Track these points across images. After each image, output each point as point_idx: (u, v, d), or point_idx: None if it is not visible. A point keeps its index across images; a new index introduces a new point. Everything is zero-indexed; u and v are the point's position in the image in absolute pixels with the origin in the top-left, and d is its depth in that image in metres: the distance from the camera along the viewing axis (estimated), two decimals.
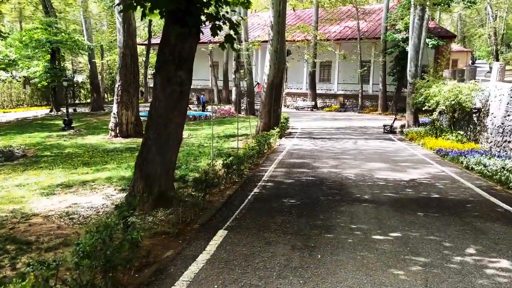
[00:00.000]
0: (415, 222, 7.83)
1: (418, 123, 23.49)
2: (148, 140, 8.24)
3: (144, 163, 8.22)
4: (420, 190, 10.39)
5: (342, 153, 16.16)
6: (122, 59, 21.04)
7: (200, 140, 20.33)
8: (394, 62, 33.16)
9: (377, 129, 24.53)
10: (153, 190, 8.19)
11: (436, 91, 18.25)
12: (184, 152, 16.19)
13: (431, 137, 18.95)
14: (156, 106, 8.13)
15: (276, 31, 20.26)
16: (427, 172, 12.77)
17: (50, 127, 25.91)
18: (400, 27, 31.53)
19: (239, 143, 18.84)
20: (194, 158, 14.68)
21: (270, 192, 10.00)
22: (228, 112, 31.94)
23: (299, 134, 22.20)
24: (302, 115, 32.98)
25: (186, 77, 8.13)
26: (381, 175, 12.19)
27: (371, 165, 13.81)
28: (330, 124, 26.71)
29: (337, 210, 8.56)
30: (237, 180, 11.18)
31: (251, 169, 12.87)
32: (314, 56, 33.07)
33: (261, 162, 14.08)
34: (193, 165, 13.12)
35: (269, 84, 20.73)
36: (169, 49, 7.95)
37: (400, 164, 13.93)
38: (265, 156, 15.39)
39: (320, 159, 14.73)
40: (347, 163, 14.01)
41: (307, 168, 13.06)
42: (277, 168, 13.02)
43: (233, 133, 22.45)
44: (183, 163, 13.45)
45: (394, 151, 16.79)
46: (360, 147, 17.69)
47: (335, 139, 20.20)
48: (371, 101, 35.93)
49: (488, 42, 43.65)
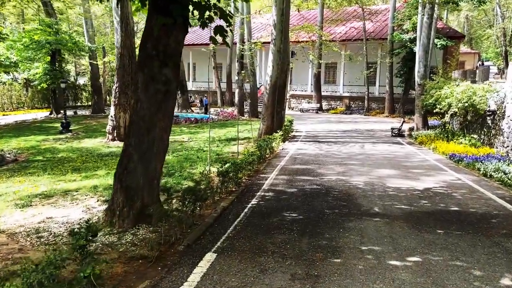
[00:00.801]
0: (435, 242, 6.67)
1: (428, 126, 22.26)
2: (128, 147, 7.16)
3: (124, 173, 7.14)
4: (436, 202, 9.22)
5: (348, 158, 15.00)
6: (120, 60, 20.05)
7: (200, 143, 19.29)
8: (401, 63, 31.92)
9: (385, 132, 23.32)
10: (135, 204, 7.10)
11: (448, 93, 17.04)
12: (182, 157, 15.14)
13: (442, 141, 17.74)
14: (138, 108, 7.05)
15: (279, 30, 19.14)
16: (442, 180, 11.59)
17: (48, 130, 24.96)
18: (408, 27, 30.31)
19: (241, 147, 17.77)
20: (191, 164, 13.60)
21: (269, 204, 8.88)
22: (231, 114, 30.86)
23: (304, 138, 21.06)
24: (306, 117, 31.83)
25: (172, 75, 7.04)
26: (392, 183, 11.03)
27: (380, 171, 12.65)
28: (336, 127, 25.54)
29: (345, 226, 7.43)
30: (234, 189, 10.07)
31: (250, 176, 11.76)
32: (319, 57, 31.90)
33: (262, 169, 12.96)
34: (188, 172, 12.02)
35: (272, 85, 19.61)
36: (152, 43, 6.87)
37: (412, 171, 12.75)
38: (266, 161, 14.27)
39: (325, 165, 13.59)
40: (355, 170, 12.85)
41: (311, 175, 11.92)
42: (279, 175, 11.90)
43: (235, 136, 21.37)
44: (178, 170, 12.37)
45: (404, 156, 15.61)
46: (367, 152, 16.52)
47: (341, 143, 19.03)
48: (378, 103, 34.68)
49: (497, 43, 42.27)
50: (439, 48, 29.31)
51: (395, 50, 31.58)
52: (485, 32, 47.28)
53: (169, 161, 14.31)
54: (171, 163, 13.78)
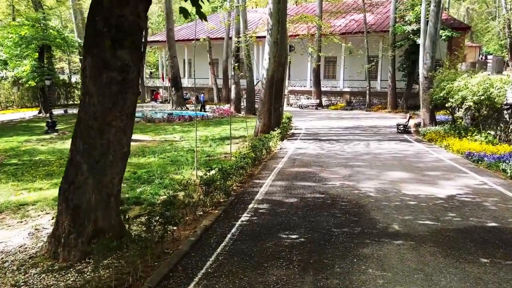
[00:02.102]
0: (483, 278, 4.89)
1: (435, 122, 20.43)
2: (76, 154, 5.37)
3: (71, 188, 5.35)
4: (467, 215, 7.42)
5: (354, 159, 13.19)
6: None
7: (192, 143, 17.43)
8: (404, 56, 30.02)
9: (389, 128, 21.50)
10: (85, 229, 5.31)
11: (462, 85, 15.20)
12: (168, 159, 13.34)
13: (454, 138, 15.92)
14: (86, 103, 5.25)
15: (276, 20, 17.29)
16: (465, 184, 9.79)
17: (33, 129, 23.15)
18: (410, 18, 28.41)
19: (235, 147, 15.97)
20: (177, 168, 11.79)
21: (263, 221, 7.08)
22: (227, 111, 29.00)
23: (303, 136, 19.24)
24: (306, 114, 29.97)
25: (131, 59, 5.23)
26: (408, 190, 9.22)
27: (392, 175, 10.84)
28: (337, 124, 23.71)
29: (359, 253, 5.63)
30: (222, 200, 8.27)
31: (242, 182, 9.96)
32: (318, 50, 29.97)
33: (257, 172, 11.15)
34: (170, 179, 10.21)
35: (268, 79, 17.78)
36: (102, 16, 5.06)
37: (428, 174, 10.94)
38: (262, 163, 12.46)
39: (328, 167, 11.78)
40: (362, 173, 11.04)
41: (312, 181, 10.12)
42: (276, 181, 10.09)
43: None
44: (159, 175, 10.56)
45: (415, 156, 13.80)
46: (374, 151, 14.71)
47: (344, 141, 17.22)
48: (380, 98, 32.81)
49: (500, 35, 40.36)
50: (444, 39, 27.43)
51: (397, 43, 29.69)
52: (488, 25, 45.28)
53: (153, 164, 12.53)
54: (154, 166, 11.99)
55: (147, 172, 11.12)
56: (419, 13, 27.02)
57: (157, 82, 40.89)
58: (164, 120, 25.48)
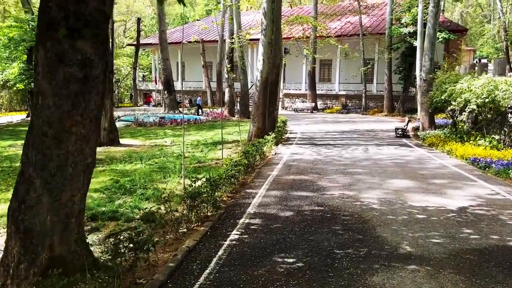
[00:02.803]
0: None
1: (435, 126, 19.61)
2: (27, 168, 4.40)
3: (21, 208, 4.38)
4: (484, 231, 6.51)
5: (353, 165, 12.28)
6: None
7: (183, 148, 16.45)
8: (400, 59, 29.24)
9: (387, 132, 20.65)
10: (38, 257, 4.34)
11: (465, 87, 14.36)
12: (155, 166, 12.38)
13: (456, 143, 15.07)
14: (39, 106, 4.29)
15: (270, 20, 16.39)
16: (476, 194, 8.89)
17: (19, 134, 22.03)
18: (407, 20, 27.65)
19: (228, 152, 15.05)
20: (164, 175, 10.82)
21: (255, 240, 6.13)
22: (221, 115, 28.01)
23: (299, 140, 18.33)
24: (301, 117, 29.08)
25: (95, 52, 4.29)
26: (415, 201, 8.31)
27: (395, 183, 9.94)
28: (333, 128, 22.82)
29: (368, 284, 4.69)
30: (209, 213, 7.32)
31: (234, 192, 9.01)
32: (314, 52, 29.10)
33: (250, 181, 10.20)
34: (154, 188, 9.24)
35: (262, 81, 16.86)
36: (57, 1, 4.11)
37: (433, 182, 10.04)
38: (256, 170, 11.52)
39: (326, 175, 10.86)
40: (363, 181, 10.13)
41: (310, 190, 9.18)
42: (270, 191, 9.15)
43: (223, 139, 18.63)
44: (143, 185, 9.59)
45: (417, 162, 12.91)
46: (373, 156, 13.82)
47: (341, 146, 16.32)
48: (376, 101, 31.99)
49: (496, 38, 39.72)
50: (441, 41, 26.70)
51: (393, 45, 28.91)
52: (483, 28, 44.70)
53: (139, 171, 11.56)
54: (140, 174, 11.02)
55: (130, 181, 10.15)
56: (416, 15, 26.28)
57: (150, 85, 39.87)
58: (155, 124, 24.51)
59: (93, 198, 8.50)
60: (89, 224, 6.70)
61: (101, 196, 8.77)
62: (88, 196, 8.79)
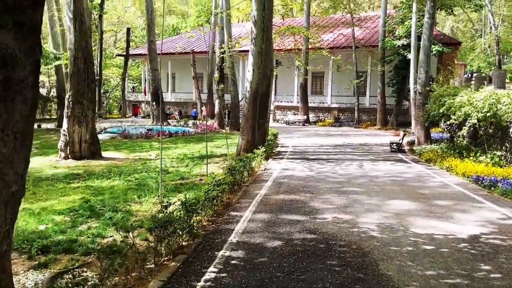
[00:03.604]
0: None
1: (430, 140, 18.70)
2: None
3: None
4: (505, 268, 5.48)
5: (348, 183, 11.26)
6: (74, 64, 16.25)
7: (168, 162, 15.39)
8: (394, 72, 28.49)
9: (381, 146, 19.72)
10: None
11: (465, 100, 13.48)
12: (134, 183, 11.28)
13: (455, 159, 14.13)
14: None
15: (261, 28, 15.46)
16: (485, 218, 7.89)
17: None
18: (400, 32, 26.96)
19: (215, 167, 13.99)
20: (141, 194, 9.71)
21: (234, 281, 5.01)
22: (210, 127, 26.99)
23: (290, 154, 17.30)
24: (293, 130, 28.10)
25: (20, 47, 3.23)
26: (419, 226, 7.28)
27: (395, 204, 8.91)
28: (326, 141, 21.85)
29: None
30: (184, 243, 6.22)
31: (216, 215, 7.92)
32: (306, 63, 28.22)
33: (235, 201, 9.12)
34: (125, 211, 8.11)
35: (252, 92, 15.86)
36: None
37: (437, 203, 9.04)
38: (242, 188, 10.45)
39: (319, 194, 9.82)
40: (360, 202, 9.09)
41: (301, 213, 8.12)
42: (257, 213, 8.07)
43: (211, 153, 17.57)
44: (114, 205, 8.46)
45: (416, 179, 11.92)
46: (369, 173, 12.81)
47: (334, 161, 15.32)
48: (369, 115, 31.16)
49: (488, 52, 39.30)
50: (434, 54, 25.97)
51: (387, 58, 28.18)
52: (474, 43, 44.36)
53: (115, 189, 10.45)
54: (115, 192, 9.91)
55: (102, 201, 9.04)
56: (409, 27, 25.60)
57: (140, 97, 38.76)
58: (142, 136, 23.37)
59: (54, 223, 7.37)
60: (37, 258, 5.56)
61: (64, 219, 7.63)
62: (49, 220, 7.67)
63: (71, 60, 16.33)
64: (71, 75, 16.40)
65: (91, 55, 16.99)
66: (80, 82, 16.25)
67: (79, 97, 16.27)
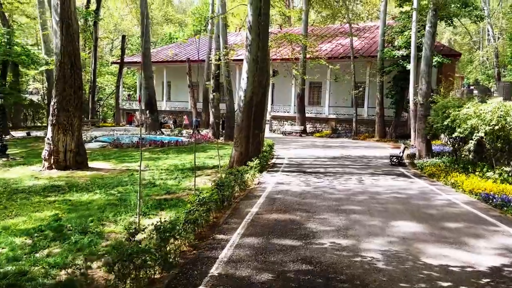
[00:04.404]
0: None
1: (432, 153, 17.77)
2: None
3: None
4: None
5: (347, 200, 10.27)
6: (60, 69, 15.35)
7: (156, 174, 14.39)
8: (393, 83, 27.65)
9: (381, 159, 18.76)
10: None
11: (471, 112, 12.57)
12: (115, 197, 10.29)
13: (459, 174, 13.17)
14: None
15: (256, 34, 14.60)
16: (504, 245, 6.90)
17: None
18: (399, 43, 26.20)
19: (207, 179, 13.02)
20: (120, 211, 8.71)
21: None
22: (205, 137, 26.03)
23: (286, 166, 16.31)
24: (289, 141, 27.14)
25: None
26: (431, 256, 6.29)
27: (400, 227, 7.91)
28: (323, 153, 20.88)
29: None
30: (158, 276, 5.21)
31: (199, 238, 6.91)
32: (303, 72, 27.36)
33: (222, 221, 8.11)
34: (95, 233, 7.09)
35: (247, 101, 14.95)
36: None
37: (447, 226, 8.05)
38: (232, 205, 9.45)
39: (316, 213, 8.82)
40: (361, 223, 8.09)
41: (296, 237, 7.11)
42: (246, 237, 7.06)
43: (203, 164, 16.61)
44: (84, 227, 7.44)
45: (420, 197, 10.93)
46: (369, 189, 11.82)
47: (332, 174, 14.34)
48: (367, 126, 30.26)
49: (487, 65, 38.65)
50: (434, 66, 25.15)
51: (385, 68, 27.36)
52: (471, 55, 43.74)
53: (94, 204, 9.46)
54: (91, 208, 8.90)
55: (74, 219, 8.02)
56: (409, 37, 24.84)
57: (134, 105, 37.78)
58: (133, 145, 22.36)
59: (12, 246, 6.33)
60: None
61: (24, 242, 6.60)
62: (7, 243, 6.63)
63: (57, 65, 15.42)
64: (57, 81, 15.49)
65: (78, 60, 16.03)
66: (66, 88, 15.34)
67: (64, 104, 15.34)
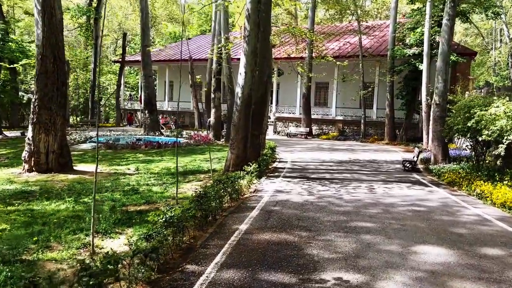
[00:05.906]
0: None
1: (449, 158, 15.88)
2: None
3: None
4: None
5: (357, 214, 8.47)
6: (41, 63, 13.78)
7: (144, 178, 12.69)
8: (403, 83, 25.75)
9: (392, 164, 16.91)
10: None
11: (501, 112, 10.71)
12: (86, 206, 8.62)
13: (484, 182, 11.28)
14: None
15: (255, 23, 12.85)
16: None
17: None
18: (411, 40, 24.33)
19: (198, 185, 11.32)
20: (78, 228, 7.02)
21: None
22: (205, 138, 24.23)
23: (288, 171, 14.53)
24: (294, 143, 25.33)
25: None
26: None
27: (425, 253, 6.10)
28: (329, 156, 19.05)
29: None
30: None
31: (164, 269, 5.17)
32: (309, 70, 25.51)
33: (201, 243, 6.36)
34: (28, 263, 5.39)
35: (244, 99, 13.21)
36: None
37: (484, 253, 6.22)
38: (218, 220, 7.70)
39: (319, 233, 7.03)
40: (375, 247, 6.29)
41: (291, 269, 5.33)
42: (225, 269, 5.29)
43: (197, 168, 14.93)
44: (22, 249, 5.74)
45: (444, 211, 9.08)
46: (382, 200, 10.00)
47: (339, 181, 12.53)
48: (376, 128, 28.35)
49: (501, 65, 36.47)
50: (450, 64, 23.29)
51: (396, 68, 25.46)
52: (484, 56, 41.58)
53: (57, 215, 7.80)
54: (49, 222, 7.23)
55: (21, 236, 6.35)
56: (421, 34, 22.99)
57: (136, 105, 36.25)
58: (128, 146, 20.75)
59: None
60: None
61: None
62: None
63: (38, 58, 13.87)
64: (38, 76, 13.93)
65: (62, 54, 14.42)
66: (48, 84, 13.77)
67: (46, 101, 13.78)
